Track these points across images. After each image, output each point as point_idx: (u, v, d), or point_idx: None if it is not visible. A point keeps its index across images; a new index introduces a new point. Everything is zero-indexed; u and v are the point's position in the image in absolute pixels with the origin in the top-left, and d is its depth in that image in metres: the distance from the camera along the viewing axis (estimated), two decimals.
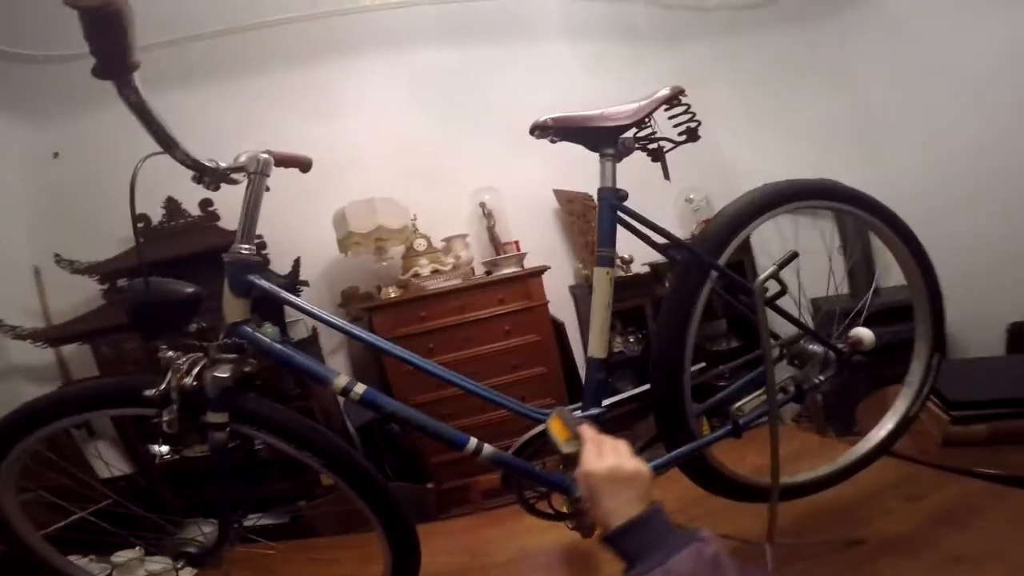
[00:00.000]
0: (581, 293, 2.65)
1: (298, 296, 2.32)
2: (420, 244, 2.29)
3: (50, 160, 2.31)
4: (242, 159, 0.84)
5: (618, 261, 2.69)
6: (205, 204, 2.35)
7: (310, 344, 2.38)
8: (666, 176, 0.95)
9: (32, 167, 2.33)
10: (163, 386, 0.79)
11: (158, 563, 1.16)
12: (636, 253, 2.71)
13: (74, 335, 2.04)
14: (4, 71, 2.19)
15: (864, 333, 0.98)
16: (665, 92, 0.92)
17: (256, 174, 0.85)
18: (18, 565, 0.87)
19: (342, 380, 0.83)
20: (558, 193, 2.65)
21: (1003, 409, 1.16)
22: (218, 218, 2.36)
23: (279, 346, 0.86)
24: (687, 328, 0.87)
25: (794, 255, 0.88)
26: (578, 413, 0.88)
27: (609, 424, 0.92)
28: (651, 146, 0.94)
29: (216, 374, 0.81)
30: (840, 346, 0.99)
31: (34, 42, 2.19)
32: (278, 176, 0.90)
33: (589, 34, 2.84)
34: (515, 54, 2.75)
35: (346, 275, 2.51)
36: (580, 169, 2.57)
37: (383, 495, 0.87)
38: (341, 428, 2.29)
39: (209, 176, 0.83)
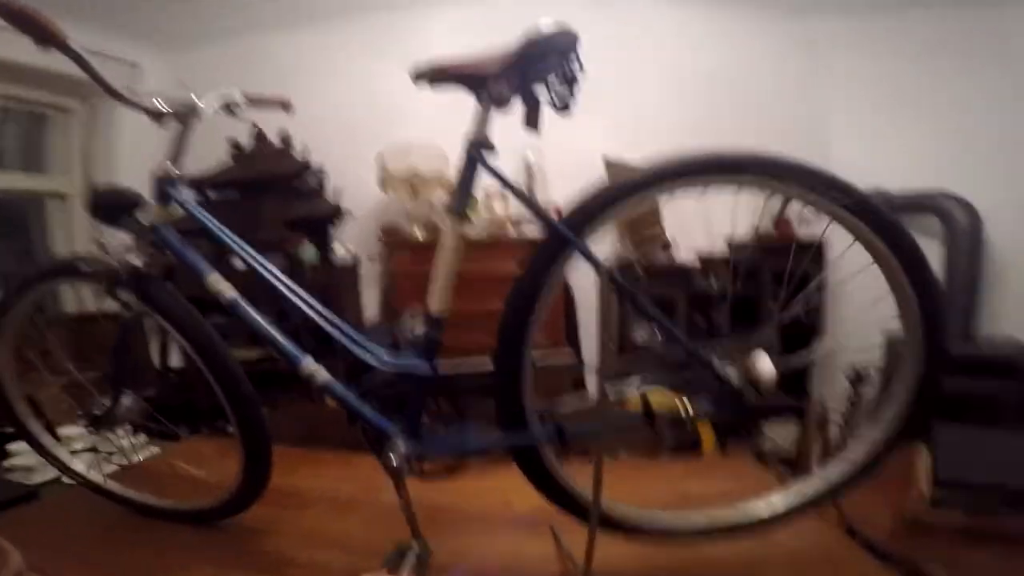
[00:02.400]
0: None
1: (341, 224, 2.60)
2: None
3: (178, 88, 2.76)
4: (172, 105, 0.96)
5: (660, 244, 2.50)
6: (283, 135, 2.65)
7: (349, 271, 2.63)
8: (532, 125, 0.86)
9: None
10: (93, 265, 0.98)
11: None
12: (684, 240, 2.50)
13: None
14: (144, 10, 2.62)
15: (764, 365, 0.78)
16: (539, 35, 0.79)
17: (187, 116, 0.97)
18: None
19: (216, 279, 0.94)
20: (608, 164, 2.50)
21: (998, 499, 0.92)
22: (292, 147, 2.66)
23: (178, 244, 0.97)
24: (532, 307, 0.82)
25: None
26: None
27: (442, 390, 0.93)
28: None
29: (130, 260, 0.97)
30: (724, 372, 0.81)
31: None
32: (353, 115, 0.97)
33: None
34: (604, 12, 2.55)
35: (392, 213, 2.67)
36: (641, 140, 2.47)
37: (241, 393, 0.98)
38: None
39: (153, 117, 0.96)
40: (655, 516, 0.89)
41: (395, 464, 0.85)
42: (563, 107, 0.86)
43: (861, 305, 1.02)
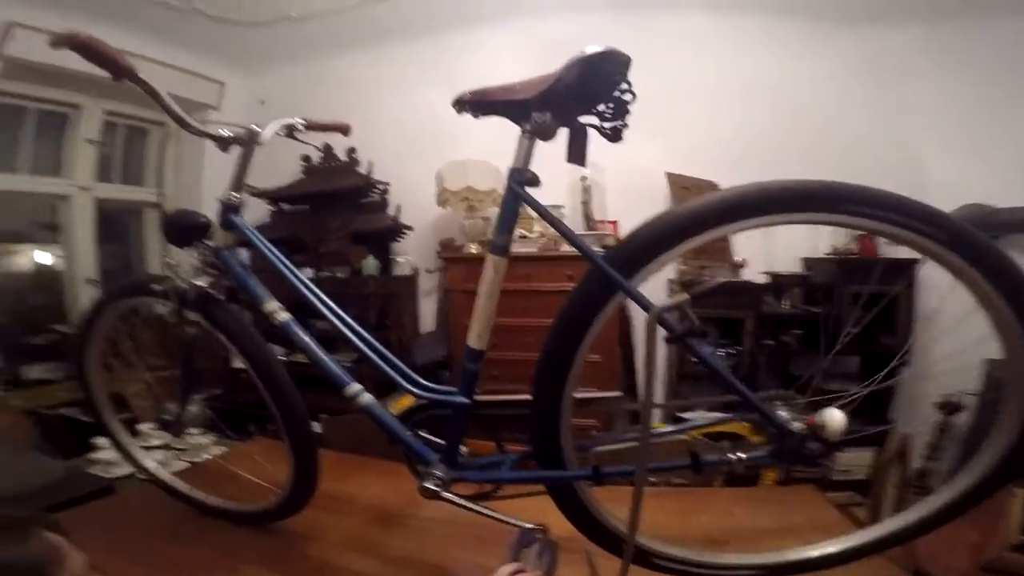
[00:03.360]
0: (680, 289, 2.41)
1: (402, 237, 2.67)
2: None
3: (258, 105, 2.97)
4: (235, 132, 1.01)
5: (728, 264, 2.36)
6: (350, 152, 2.77)
7: (407, 281, 2.70)
8: (575, 160, 0.82)
9: (247, 111, 3.01)
10: (166, 285, 1.06)
11: None
12: (754, 257, 2.35)
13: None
14: (230, 34, 2.84)
15: (833, 417, 0.70)
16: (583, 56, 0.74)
17: (249, 143, 1.01)
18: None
19: (272, 305, 0.98)
20: (672, 177, 2.40)
21: None
22: (358, 163, 2.77)
23: (239, 269, 1.03)
24: (576, 348, 0.78)
25: (721, 285, 0.71)
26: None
27: (482, 419, 0.91)
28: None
29: (196, 282, 1.03)
30: (791, 424, 0.73)
31: (251, 9, 2.79)
32: (415, 138, 0.96)
33: (746, 6, 2.41)
34: (654, 25, 2.47)
35: (449, 228, 2.72)
36: (702, 155, 2.35)
37: (292, 411, 1.01)
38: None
39: (218, 143, 1.02)
40: (697, 554, 0.83)
41: (429, 489, 0.85)
42: (614, 137, 0.82)
43: (954, 327, 0.92)
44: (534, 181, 0.82)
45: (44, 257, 2.71)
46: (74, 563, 0.53)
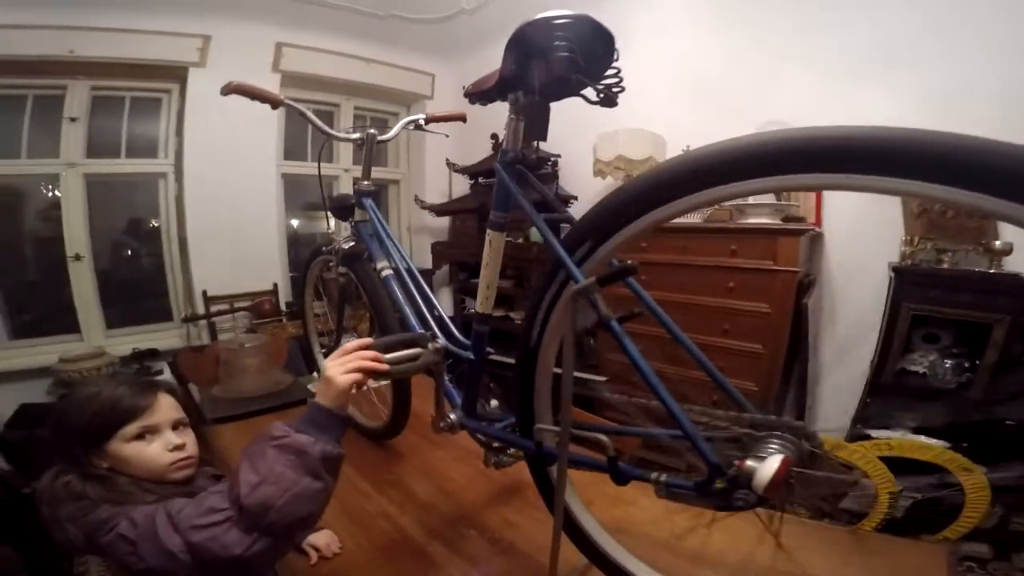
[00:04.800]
0: (902, 278, 1.79)
1: (568, 207, 2.77)
2: None
3: (460, 91, 3.41)
4: (355, 135, 1.31)
5: (984, 247, 1.72)
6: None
7: None
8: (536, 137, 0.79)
9: (454, 98, 3.46)
10: (329, 246, 1.46)
11: None
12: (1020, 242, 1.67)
13: (444, 211, 3.21)
14: (428, 32, 3.27)
15: (765, 465, 0.55)
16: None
17: (367, 141, 1.30)
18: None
19: (382, 263, 1.24)
20: None
21: None
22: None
23: (368, 237, 1.33)
24: (545, 324, 0.76)
25: (630, 269, 0.64)
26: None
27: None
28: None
29: (342, 245, 1.40)
30: (719, 462, 0.60)
31: (435, 7, 3.17)
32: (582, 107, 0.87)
33: None
34: None
35: None
36: (933, 112, 1.73)
37: None
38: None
39: (355, 144, 1.33)
40: None
41: (439, 426, 1.02)
42: (606, 101, 0.78)
43: None
44: (528, 161, 0.85)
45: None
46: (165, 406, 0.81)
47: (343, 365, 0.74)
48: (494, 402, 1.09)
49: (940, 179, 0.42)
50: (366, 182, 1.37)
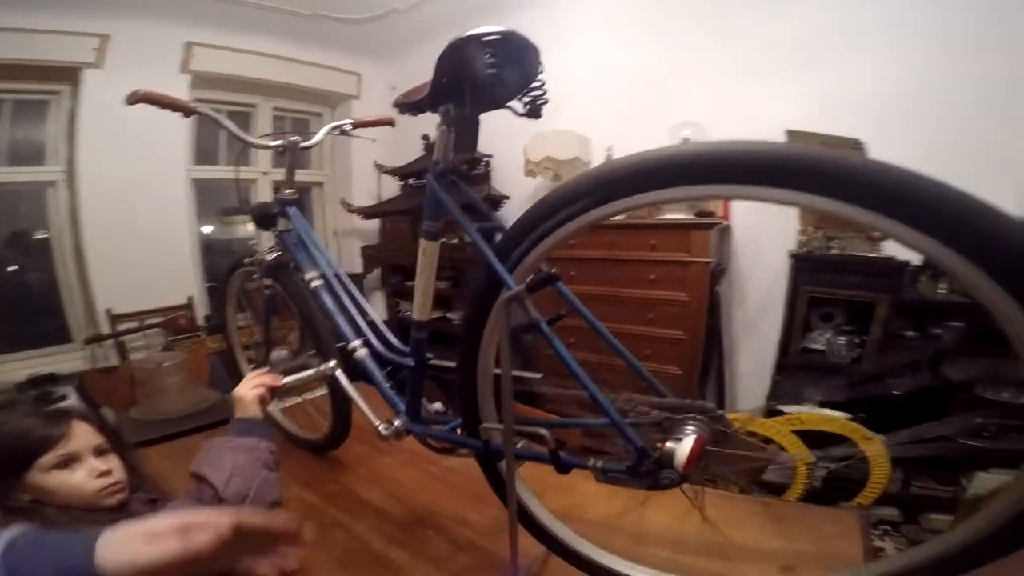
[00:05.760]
0: (799, 263, 2.00)
1: (501, 207, 2.81)
2: None
3: (388, 92, 3.36)
4: (276, 142, 1.26)
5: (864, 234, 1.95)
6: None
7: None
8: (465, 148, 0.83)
9: (380, 98, 3.38)
10: (251, 258, 1.40)
11: None
12: None
13: (373, 213, 3.15)
14: (354, 32, 3.16)
15: (680, 450, 0.63)
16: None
17: (289, 149, 1.26)
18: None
19: (311, 273, 1.21)
20: (795, 136, 2.05)
21: None
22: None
23: (292, 246, 1.29)
24: (483, 324, 0.78)
25: (553, 277, 0.70)
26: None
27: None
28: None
29: (266, 256, 1.35)
30: (644, 446, 0.66)
31: (364, 6, 3.05)
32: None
33: None
34: None
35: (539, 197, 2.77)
36: (839, 111, 1.94)
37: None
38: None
39: (274, 151, 1.28)
40: (599, 554, 0.84)
41: (382, 433, 1.02)
42: (531, 113, 0.82)
43: None
44: (457, 171, 0.88)
45: None
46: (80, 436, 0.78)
47: (247, 384, 0.98)
48: (436, 404, 1.10)
49: (790, 186, 0.51)
50: (289, 190, 1.32)
